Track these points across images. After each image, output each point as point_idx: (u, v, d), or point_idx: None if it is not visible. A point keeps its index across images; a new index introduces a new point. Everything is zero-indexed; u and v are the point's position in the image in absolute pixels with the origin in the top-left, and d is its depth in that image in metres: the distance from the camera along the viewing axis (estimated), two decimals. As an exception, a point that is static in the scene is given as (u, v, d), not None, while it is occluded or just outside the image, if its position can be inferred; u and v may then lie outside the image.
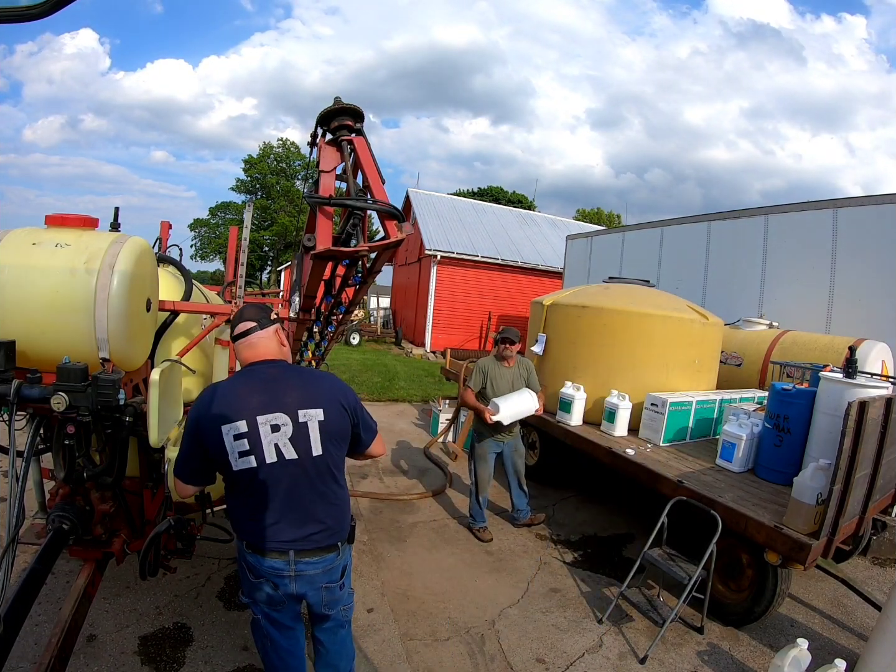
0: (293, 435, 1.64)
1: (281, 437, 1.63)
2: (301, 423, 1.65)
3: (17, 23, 0.70)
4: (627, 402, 4.25)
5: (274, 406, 1.64)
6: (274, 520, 1.66)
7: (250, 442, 1.61)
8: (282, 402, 1.65)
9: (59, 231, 1.99)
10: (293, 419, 1.65)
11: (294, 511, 1.68)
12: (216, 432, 1.60)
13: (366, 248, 1.64)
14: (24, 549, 2.74)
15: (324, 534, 1.72)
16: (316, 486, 1.70)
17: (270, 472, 1.63)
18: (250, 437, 1.61)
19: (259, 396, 1.65)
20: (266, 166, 38.86)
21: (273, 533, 1.66)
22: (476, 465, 4.05)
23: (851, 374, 3.12)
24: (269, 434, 1.62)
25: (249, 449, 1.61)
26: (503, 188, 41.54)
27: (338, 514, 1.77)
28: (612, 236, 10.03)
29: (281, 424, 1.63)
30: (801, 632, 3.09)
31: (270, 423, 1.63)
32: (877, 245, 5.41)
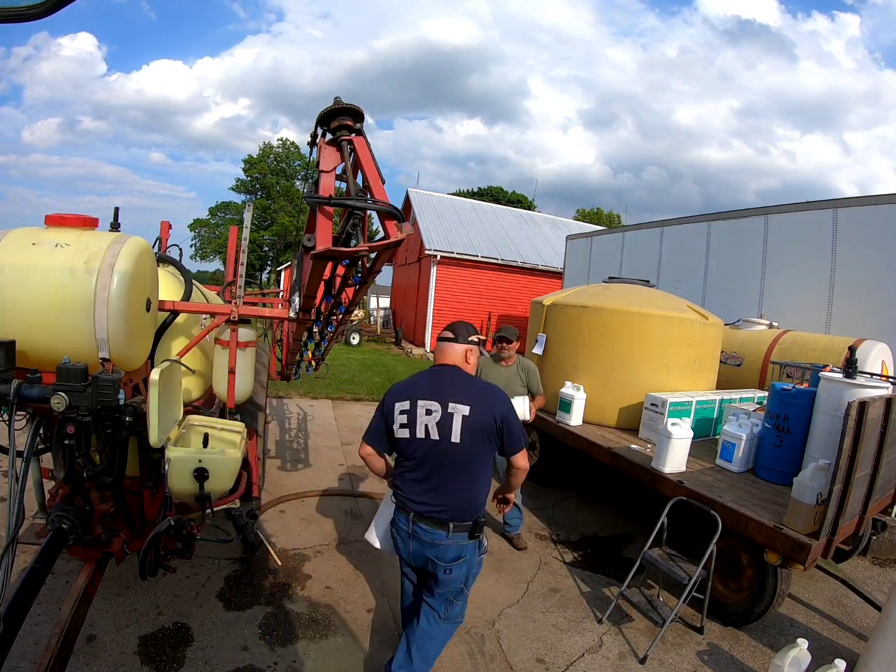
0: (440, 421, 2.03)
1: (430, 420, 2.04)
2: (448, 413, 2.03)
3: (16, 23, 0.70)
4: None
5: (433, 396, 2.07)
6: (409, 482, 2.10)
7: (408, 418, 2.07)
8: (439, 394, 2.07)
9: (59, 231, 1.99)
10: (443, 409, 2.04)
11: (424, 481, 2.07)
12: (391, 406, 2.12)
13: (366, 249, 1.64)
14: (24, 549, 2.74)
15: (438, 508, 2.04)
16: (447, 467, 2.05)
17: (417, 446, 2.07)
18: (409, 415, 2.07)
19: (426, 387, 2.11)
20: (266, 166, 38.88)
21: (406, 492, 2.11)
22: None
23: (851, 374, 3.12)
24: (423, 416, 2.05)
25: (407, 423, 2.07)
26: (503, 188, 41.59)
27: (457, 500, 2.07)
28: (612, 236, 10.04)
29: (433, 410, 2.04)
30: (801, 632, 3.09)
31: (426, 408, 2.05)
32: (877, 245, 5.41)
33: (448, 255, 15.13)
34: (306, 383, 8.45)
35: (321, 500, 4.42)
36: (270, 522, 3.90)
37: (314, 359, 3.87)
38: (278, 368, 5.22)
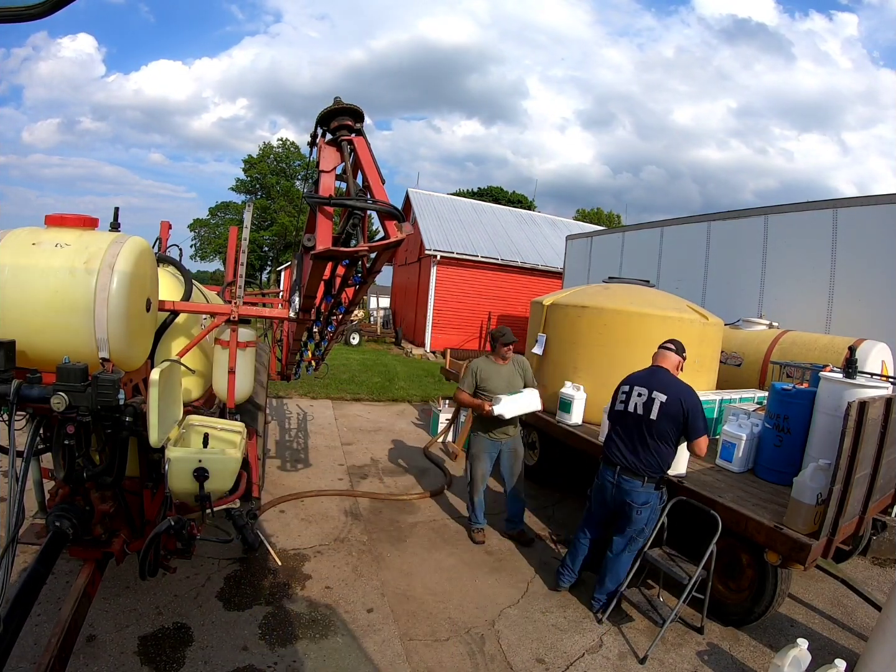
0: (645, 402, 2.94)
1: (639, 400, 2.97)
2: (651, 397, 2.93)
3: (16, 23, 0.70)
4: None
5: (645, 384, 2.99)
6: (617, 443, 3.03)
7: (626, 396, 3.05)
8: (649, 383, 2.98)
9: (59, 231, 1.99)
10: (649, 394, 2.94)
11: (627, 443, 2.99)
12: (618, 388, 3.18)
13: (366, 249, 1.64)
14: (24, 549, 2.74)
15: (638, 464, 2.92)
16: (644, 436, 2.92)
17: (626, 417, 3.02)
18: (627, 394, 3.05)
19: (644, 377, 3.05)
20: (266, 166, 38.85)
21: (614, 451, 3.03)
22: (471, 463, 4.00)
23: (851, 374, 3.12)
24: (635, 396, 2.99)
25: (624, 400, 3.06)
26: (503, 188, 41.58)
27: (649, 460, 2.91)
28: (612, 236, 10.03)
29: (643, 393, 2.97)
30: (801, 632, 3.09)
31: (638, 391, 3.00)
32: (876, 245, 5.41)
33: (448, 255, 15.12)
34: (306, 383, 8.46)
35: (321, 500, 4.42)
36: (270, 522, 3.90)
37: (314, 359, 3.88)
38: (278, 368, 5.22)
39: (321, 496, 4.49)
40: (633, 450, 2.94)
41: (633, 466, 2.92)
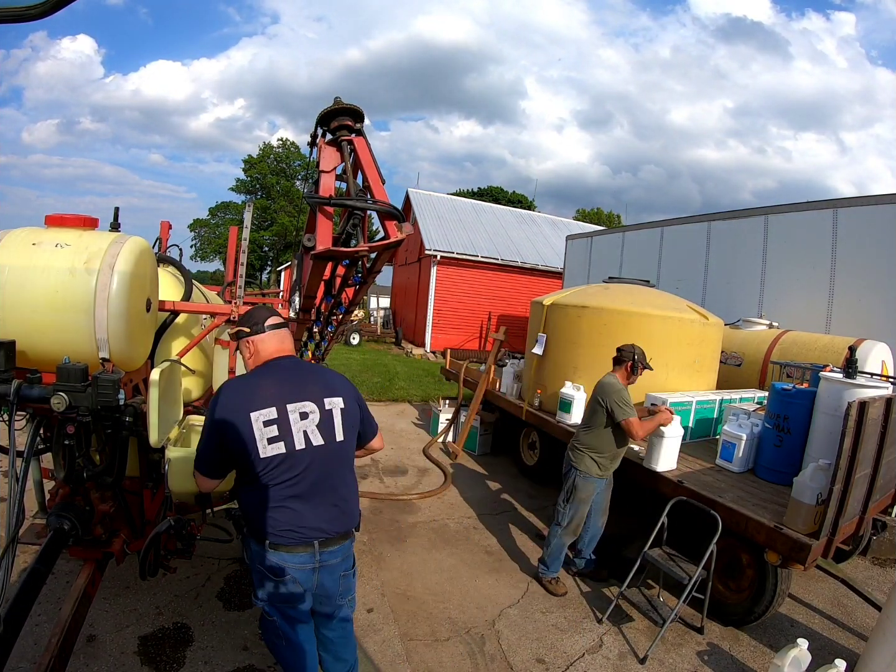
0: (320, 422, 1.73)
1: (309, 424, 1.72)
2: (327, 410, 1.76)
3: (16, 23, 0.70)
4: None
5: (301, 395, 1.74)
6: (299, 508, 1.70)
7: (280, 428, 1.66)
8: (308, 391, 1.75)
9: (59, 231, 1.99)
10: (320, 407, 1.75)
11: (317, 497, 1.73)
12: (244, 419, 1.64)
13: (366, 249, 1.64)
14: (24, 549, 2.74)
15: (343, 519, 1.80)
16: (338, 472, 1.79)
17: (298, 459, 1.68)
18: (280, 424, 1.67)
19: (286, 386, 1.74)
20: (266, 166, 38.84)
21: (298, 522, 1.70)
22: (576, 508, 3.30)
23: (851, 374, 3.12)
24: (297, 421, 1.70)
25: (279, 435, 1.66)
26: (503, 188, 41.58)
27: (353, 501, 1.87)
28: (612, 236, 10.03)
29: (309, 412, 1.72)
30: (801, 632, 3.09)
31: (299, 411, 1.71)
32: (877, 245, 5.41)
33: (448, 255, 15.11)
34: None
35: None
36: (270, 522, 3.90)
37: (314, 359, 3.88)
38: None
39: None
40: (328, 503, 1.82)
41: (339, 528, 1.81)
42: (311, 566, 1.73)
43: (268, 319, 1.85)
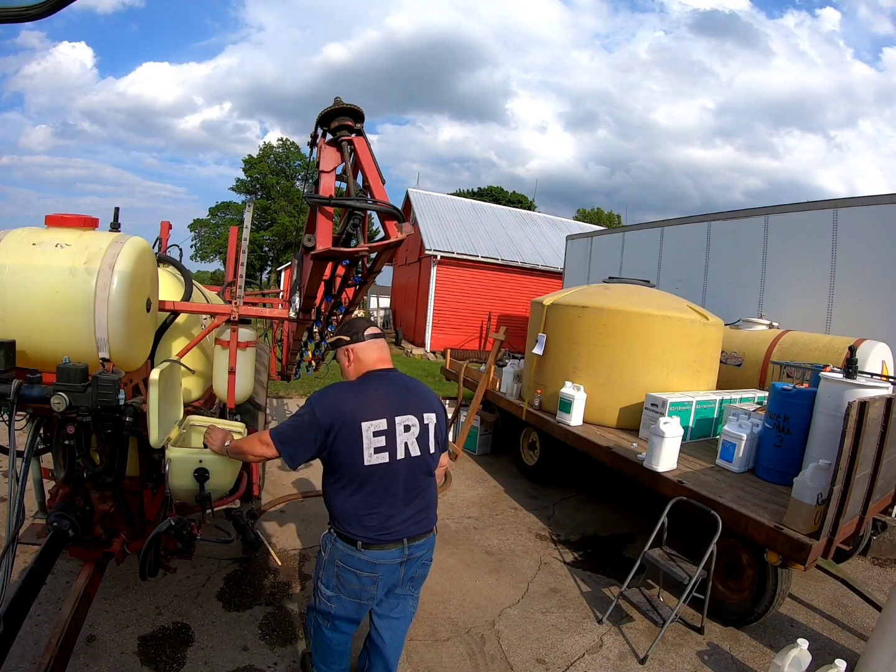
0: (419, 435, 1.88)
1: (410, 436, 1.86)
2: (425, 424, 1.90)
3: (17, 23, 0.70)
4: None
5: (407, 408, 1.87)
6: (393, 511, 1.85)
7: (388, 439, 1.80)
8: (412, 405, 1.89)
9: (59, 231, 1.99)
10: (420, 421, 1.89)
11: (409, 502, 1.88)
12: (355, 426, 1.76)
13: (366, 249, 1.64)
14: (24, 549, 2.74)
15: (427, 521, 1.96)
16: (425, 478, 1.94)
17: (396, 468, 1.83)
18: (388, 435, 1.80)
19: (395, 398, 1.87)
20: (266, 166, 38.85)
21: (390, 524, 1.84)
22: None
23: (851, 374, 3.11)
24: (402, 433, 1.84)
25: (385, 446, 1.80)
26: (503, 188, 41.58)
27: (434, 500, 2.03)
28: (612, 236, 10.03)
29: (412, 425, 1.86)
30: (801, 632, 3.09)
31: (404, 424, 1.85)
32: (877, 245, 5.41)
33: (448, 255, 15.11)
34: (306, 383, 8.45)
35: (322, 501, 4.41)
36: (271, 522, 3.90)
37: (314, 359, 3.88)
38: (278, 368, 5.22)
39: (322, 496, 4.49)
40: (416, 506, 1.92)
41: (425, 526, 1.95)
42: (400, 560, 1.88)
43: (367, 329, 1.96)
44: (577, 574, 3.59)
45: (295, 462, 1.84)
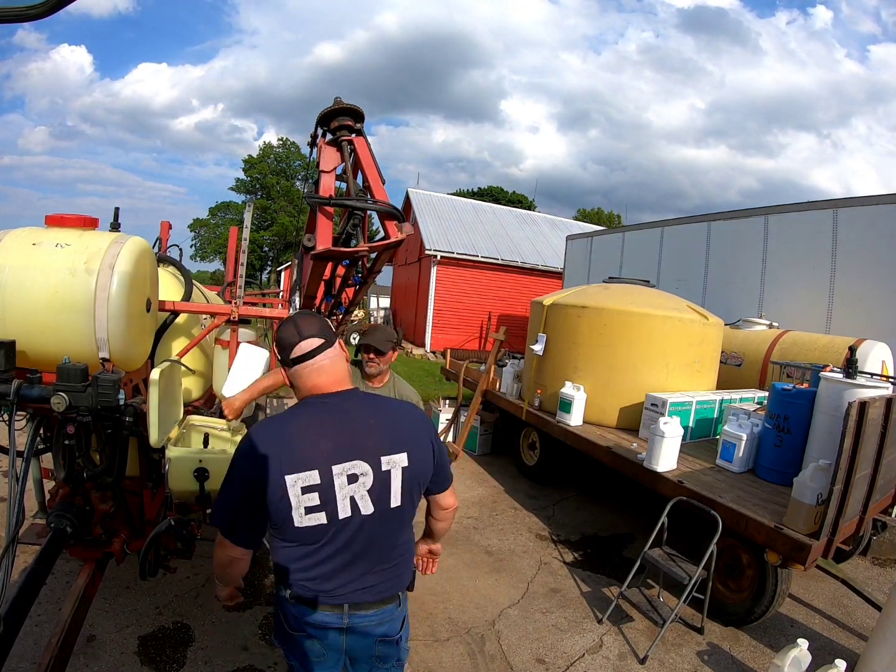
0: (373, 486, 1.34)
1: (358, 488, 1.33)
2: (383, 471, 1.36)
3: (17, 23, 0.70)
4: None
5: (352, 452, 1.33)
6: (333, 574, 1.38)
7: (322, 496, 1.30)
8: (362, 447, 1.34)
9: (59, 231, 1.99)
10: (375, 468, 1.34)
11: (357, 566, 1.39)
12: (278, 481, 1.28)
13: (366, 249, 1.64)
14: (24, 549, 2.74)
15: (386, 584, 1.45)
16: (387, 539, 1.43)
17: (340, 529, 1.34)
18: (323, 491, 1.30)
19: (334, 439, 1.33)
20: (266, 166, 38.86)
21: (329, 587, 1.39)
22: None
23: (851, 375, 3.12)
24: (344, 486, 1.32)
25: (320, 504, 1.31)
26: (503, 188, 41.61)
27: (403, 564, 1.51)
28: (612, 236, 10.03)
29: (360, 474, 1.33)
30: (801, 632, 3.09)
31: (347, 473, 1.32)
32: (877, 245, 5.41)
33: (448, 255, 15.11)
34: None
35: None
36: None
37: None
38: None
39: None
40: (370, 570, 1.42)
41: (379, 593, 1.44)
42: (338, 626, 1.41)
43: (297, 346, 1.36)
44: (577, 574, 3.59)
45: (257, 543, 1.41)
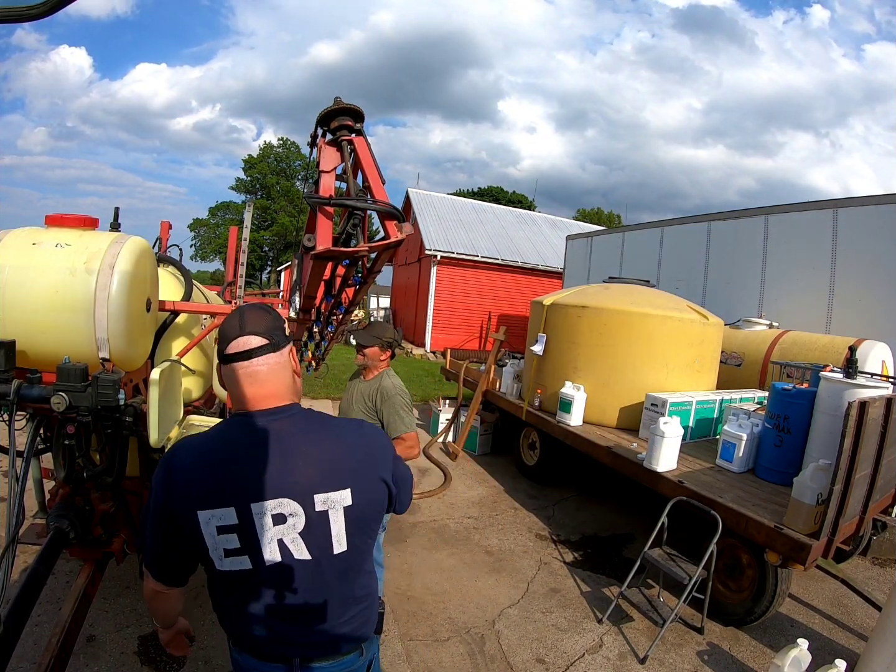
0: (305, 529, 1.12)
1: (288, 530, 1.11)
2: (319, 511, 1.12)
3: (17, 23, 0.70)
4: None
5: (278, 488, 1.10)
6: (275, 626, 1.16)
7: (242, 538, 1.09)
8: (290, 482, 1.11)
9: (59, 231, 1.99)
10: (306, 508, 1.11)
11: (304, 617, 1.17)
12: (192, 518, 1.07)
13: (366, 249, 1.64)
14: (24, 549, 2.74)
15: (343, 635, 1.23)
16: (337, 588, 1.19)
17: (273, 575, 1.12)
18: (242, 533, 1.09)
19: (256, 471, 1.10)
20: (266, 166, 38.87)
21: (274, 638, 1.17)
22: None
23: (851, 374, 3.12)
24: (269, 528, 1.10)
25: (241, 547, 1.10)
26: (503, 188, 41.62)
27: (363, 611, 1.26)
28: (612, 236, 10.03)
29: (288, 514, 1.11)
30: (801, 632, 3.09)
31: (272, 513, 1.10)
32: (877, 245, 5.41)
33: (448, 255, 15.11)
34: (306, 383, 8.45)
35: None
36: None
37: (314, 359, 3.88)
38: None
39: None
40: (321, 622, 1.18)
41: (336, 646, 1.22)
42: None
43: (234, 341, 1.13)
44: (577, 574, 3.59)
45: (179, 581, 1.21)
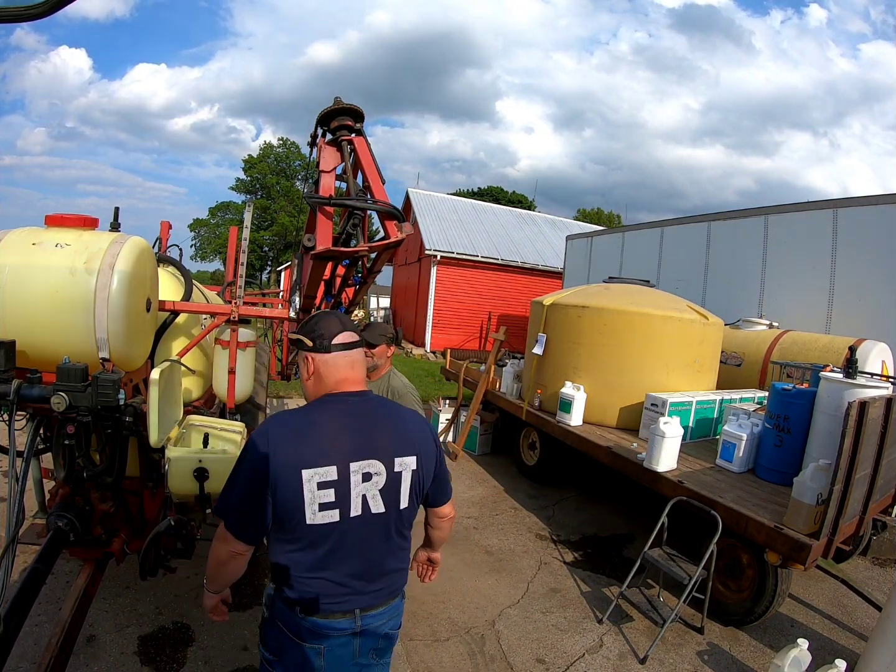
0: (384, 486, 1.38)
1: (371, 487, 1.36)
2: (395, 472, 1.40)
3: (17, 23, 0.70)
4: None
5: (369, 451, 1.37)
6: (342, 578, 1.38)
7: (338, 493, 1.32)
8: (378, 447, 1.38)
9: (59, 231, 1.99)
10: (388, 468, 1.38)
11: (366, 567, 1.41)
12: (294, 476, 1.28)
13: (366, 249, 1.64)
14: (24, 549, 2.74)
15: (392, 586, 1.50)
16: (393, 539, 1.46)
17: (351, 527, 1.35)
18: (338, 487, 1.32)
19: (353, 436, 1.37)
20: (266, 166, 38.87)
21: (339, 592, 1.38)
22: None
23: (851, 374, 3.12)
24: (359, 484, 1.35)
25: (335, 501, 1.32)
26: (503, 188, 41.62)
27: (405, 562, 1.55)
28: (612, 236, 10.03)
29: (374, 473, 1.36)
30: (801, 632, 3.09)
31: (363, 472, 1.35)
32: (877, 245, 5.41)
33: (448, 255, 15.11)
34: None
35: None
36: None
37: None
38: (278, 368, 5.22)
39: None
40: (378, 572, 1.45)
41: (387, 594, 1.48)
42: (352, 631, 1.42)
43: (337, 335, 1.42)
44: (577, 574, 3.59)
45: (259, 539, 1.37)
